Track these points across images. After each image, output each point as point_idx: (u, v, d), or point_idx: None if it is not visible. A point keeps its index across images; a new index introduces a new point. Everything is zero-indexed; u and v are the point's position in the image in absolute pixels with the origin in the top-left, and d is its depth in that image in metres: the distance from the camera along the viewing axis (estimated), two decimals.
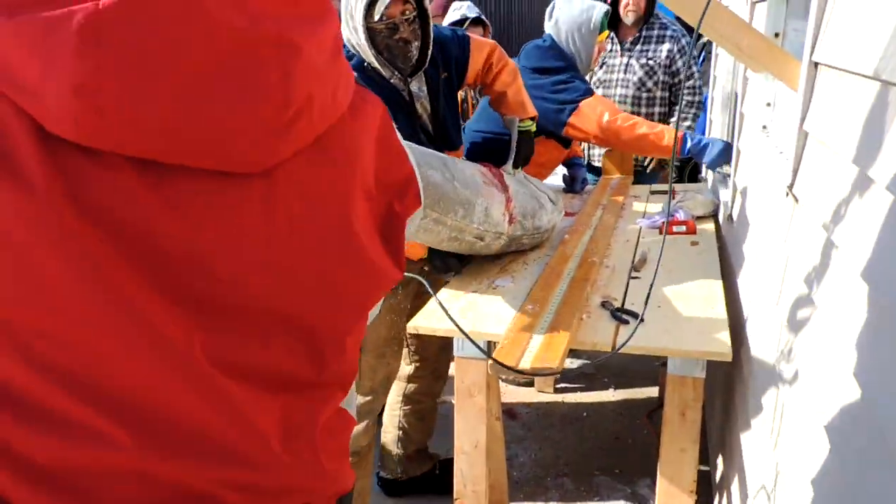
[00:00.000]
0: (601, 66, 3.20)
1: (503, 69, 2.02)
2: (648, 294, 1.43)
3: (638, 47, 3.12)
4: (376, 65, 1.73)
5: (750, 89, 2.23)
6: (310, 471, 0.60)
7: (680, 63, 3.09)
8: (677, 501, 1.56)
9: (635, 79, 3.11)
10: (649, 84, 3.12)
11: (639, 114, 3.15)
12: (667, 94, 3.16)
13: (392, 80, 1.78)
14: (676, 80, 3.13)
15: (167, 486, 0.51)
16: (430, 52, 1.77)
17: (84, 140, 0.44)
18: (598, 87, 3.20)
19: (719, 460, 2.04)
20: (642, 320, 1.52)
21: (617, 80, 3.16)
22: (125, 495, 0.50)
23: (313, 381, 0.59)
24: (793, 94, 1.41)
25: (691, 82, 3.19)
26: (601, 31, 2.52)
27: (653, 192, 2.80)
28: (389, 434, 2.19)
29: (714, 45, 3.27)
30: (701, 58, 4.05)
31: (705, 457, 2.31)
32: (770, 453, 1.28)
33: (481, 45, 1.98)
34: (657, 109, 3.17)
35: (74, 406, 0.48)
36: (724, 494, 1.84)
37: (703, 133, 3.35)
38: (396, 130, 0.67)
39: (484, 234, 1.68)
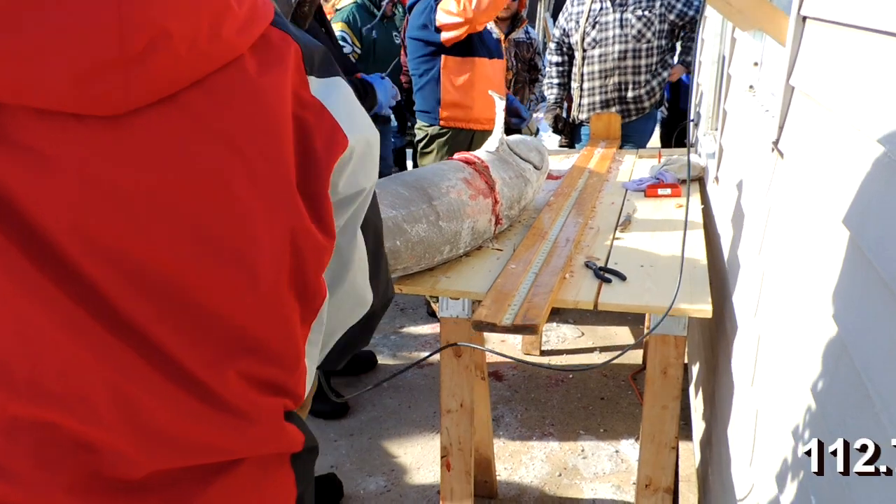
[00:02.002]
0: (593, 26, 3.14)
1: None
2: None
3: (630, 0, 3.07)
4: None
5: (737, 50, 2.21)
6: (239, 430, 0.56)
7: (680, 5, 3.05)
8: (659, 457, 1.58)
9: (634, 32, 3.07)
10: (648, 35, 3.08)
11: (639, 67, 3.12)
12: (664, 42, 3.13)
13: None
14: (682, 22, 3.09)
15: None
16: None
17: None
18: (593, 48, 3.15)
19: (702, 418, 2.07)
20: (624, 278, 1.53)
21: (613, 37, 3.10)
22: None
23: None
24: (780, 50, 1.40)
25: (692, 13, 3.10)
26: None
27: (640, 157, 2.80)
28: None
29: (703, 4, 3.22)
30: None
31: (687, 415, 2.35)
32: (751, 408, 1.30)
33: None
34: (655, 59, 3.14)
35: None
36: (708, 449, 1.88)
37: (690, 89, 3.32)
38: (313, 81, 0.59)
39: (468, 248, 1.66)
